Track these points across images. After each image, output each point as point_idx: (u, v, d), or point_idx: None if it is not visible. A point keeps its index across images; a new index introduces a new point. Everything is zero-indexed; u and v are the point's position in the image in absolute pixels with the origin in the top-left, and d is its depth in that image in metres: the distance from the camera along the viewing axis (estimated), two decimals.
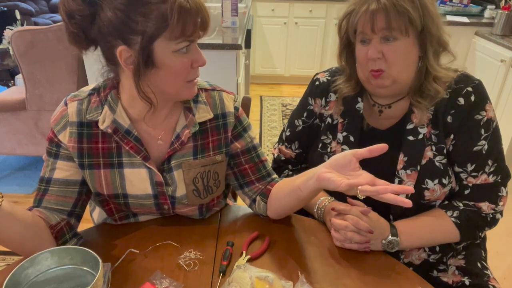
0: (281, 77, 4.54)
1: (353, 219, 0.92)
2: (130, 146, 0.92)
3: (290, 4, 4.11)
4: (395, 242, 0.95)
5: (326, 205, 1.04)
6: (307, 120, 1.14)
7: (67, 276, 0.79)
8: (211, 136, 0.98)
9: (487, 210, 0.98)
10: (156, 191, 0.97)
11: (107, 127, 0.90)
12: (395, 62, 0.92)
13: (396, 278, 0.88)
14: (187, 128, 0.95)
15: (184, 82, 0.86)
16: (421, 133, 0.98)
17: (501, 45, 2.85)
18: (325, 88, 1.10)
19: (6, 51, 3.11)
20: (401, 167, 0.99)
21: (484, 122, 0.95)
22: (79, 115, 0.91)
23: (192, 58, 0.84)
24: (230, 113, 0.99)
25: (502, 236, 1.73)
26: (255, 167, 1.04)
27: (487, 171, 0.97)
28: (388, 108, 1.04)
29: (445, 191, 0.99)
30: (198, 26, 0.81)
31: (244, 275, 0.83)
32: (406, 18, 0.88)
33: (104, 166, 0.93)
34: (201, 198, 1.00)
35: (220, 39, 2.32)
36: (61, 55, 2.32)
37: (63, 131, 0.91)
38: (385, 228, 0.96)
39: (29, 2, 5.61)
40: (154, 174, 0.95)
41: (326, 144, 1.09)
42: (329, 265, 0.91)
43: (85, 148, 0.92)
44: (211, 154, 0.98)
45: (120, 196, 0.96)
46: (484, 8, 3.46)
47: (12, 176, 2.72)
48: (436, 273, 1.08)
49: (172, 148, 0.94)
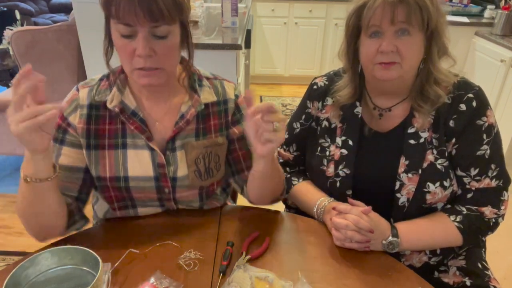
0: (281, 77, 4.54)
1: (354, 218, 0.92)
2: (135, 126, 0.96)
3: (290, 4, 4.11)
4: (395, 243, 0.95)
5: (325, 205, 1.04)
6: (305, 122, 1.15)
7: (67, 276, 0.79)
8: (213, 120, 1.03)
9: (489, 215, 0.98)
10: (157, 173, 0.99)
11: (115, 107, 0.95)
12: (408, 57, 0.92)
13: (396, 278, 0.88)
14: (193, 107, 0.99)
15: (132, 67, 0.88)
16: (423, 137, 0.98)
17: (501, 45, 2.85)
18: (323, 92, 1.11)
19: (6, 51, 3.11)
20: (403, 171, 0.99)
21: (485, 128, 0.96)
22: (89, 98, 0.97)
23: (135, 46, 0.85)
24: (231, 100, 1.05)
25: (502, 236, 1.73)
26: (247, 154, 1.08)
27: (490, 175, 0.97)
28: (388, 111, 1.04)
29: (446, 193, 0.98)
30: (141, 15, 0.81)
31: (244, 275, 0.83)
32: (425, 14, 0.88)
33: (108, 147, 0.97)
34: (202, 180, 1.02)
35: (220, 39, 2.32)
36: (61, 55, 2.33)
37: (74, 114, 0.96)
38: (386, 228, 0.96)
39: (29, 2, 5.60)
40: (156, 155, 0.98)
41: (325, 147, 1.09)
42: (329, 265, 0.91)
43: (92, 129, 0.97)
44: (213, 136, 1.02)
45: (121, 179, 0.98)
46: (484, 8, 3.45)
47: (12, 176, 2.72)
48: (437, 274, 1.08)
49: (177, 127, 0.98)
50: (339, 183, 1.05)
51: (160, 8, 0.81)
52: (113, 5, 0.81)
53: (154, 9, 0.81)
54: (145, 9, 0.80)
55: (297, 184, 1.16)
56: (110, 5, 0.82)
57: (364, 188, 1.03)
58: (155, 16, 0.81)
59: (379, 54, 0.92)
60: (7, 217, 2.32)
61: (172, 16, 0.83)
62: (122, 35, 0.85)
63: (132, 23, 0.82)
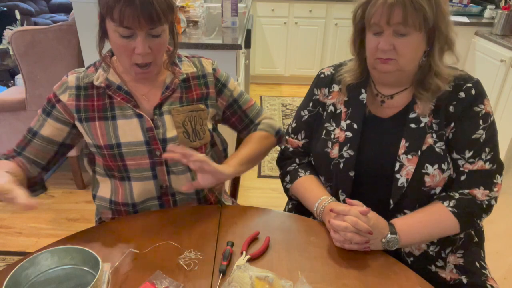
0: (281, 77, 4.53)
1: (352, 220, 0.92)
2: (121, 97, 1.06)
3: (290, 4, 4.11)
4: (394, 240, 0.95)
5: (325, 205, 1.04)
6: (313, 109, 1.18)
7: (67, 276, 0.79)
8: (195, 91, 1.14)
9: (481, 197, 1.00)
10: (147, 137, 1.07)
11: (101, 83, 1.05)
12: (405, 55, 0.96)
13: (396, 278, 0.88)
14: (176, 78, 1.10)
15: (131, 63, 0.99)
16: (423, 121, 1.02)
17: (501, 45, 2.85)
18: (329, 80, 1.15)
19: (6, 51, 3.11)
20: (403, 152, 1.01)
21: (482, 114, 0.99)
22: (77, 81, 1.07)
23: (134, 45, 0.96)
24: (209, 74, 1.16)
25: (502, 236, 1.73)
26: (239, 118, 1.23)
27: (484, 158, 1.00)
28: (390, 98, 1.07)
29: (444, 176, 1.01)
30: (142, 21, 0.91)
31: (244, 275, 0.83)
32: (421, 15, 0.91)
33: (99, 119, 1.06)
34: (191, 141, 1.11)
35: (220, 39, 2.32)
36: (61, 55, 2.32)
37: (64, 94, 1.07)
38: (384, 227, 0.96)
39: (29, 2, 5.60)
40: (145, 120, 1.06)
41: (330, 131, 1.12)
42: (329, 265, 0.91)
43: (82, 105, 1.06)
44: (195, 103, 1.13)
45: (114, 146, 1.06)
46: (484, 8, 3.45)
47: None
48: (435, 268, 1.08)
49: (164, 96, 1.08)
50: (343, 164, 1.07)
51: (158, 13, 0.92)
52: (116, 11, 0.90)
53: (153, 15, 0.92)
54: (146, 15, 0.91)
55: (303, 176, 1.17)
56: (113, 11, 0.91)
57: (365, 170, 1.06)
58: (154, 21, 0.93)
59: (378, 51, 0.97)
60: (7, 217, 2.32)
61: (166, 18, 0.95)
62: (122, 36, 0.95)
63: (133, 27, 0.92)
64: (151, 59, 1.00)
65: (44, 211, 1.03)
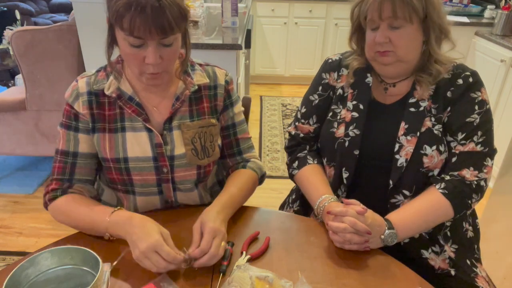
0: (281, 77, 4.54)
1: (351, 221, 0.92)
2: (132, 110, 1.02)
3: (290, 4, 4.11)
4: (393, 235, 0.96)
5: (325, 205, 1.04)
6: (323, 93, 1.20)
7: (67, 276, 0.79)
8: (206, 103, 1.09)
9: (470, 177, 1.02)
10: (155, 153, 1.04)
11: (112, 92, 1.02)
12: (401, 46, 1.01)
13: (396, 278, 0.88)
14: (186, 89, 1.05)
15: (140, 70, 0.95)
16: (422, 106, 1.06)
17: (501, 45, 2.84)
18: (337, 64, 1.19)
19: (6, 51, 3.11)
20: (402, 134, 1.05)
21: (478, 101, 1.03)
22: (88, 86, 1.03)
23: (144, 54, 0.91)
24: (221, 85, 1.11)
25: (502, 236, 1.74)
26: (229, 144, 1.17)
27: (475, 140, 1.02)
28: (393, 86, 1.11)
29: (442, 158, 1.04)
30: (153, 31, 0.86)
31: (244, 275, 0.83)
32: (409, 7, 0.97)
33: (109, 131, 1.03)
34: (199, 159, 1.07)
35: (220, 39, 2.32)
36: (61, 55, 2.33)
37: (76, 102, 1.03)
38: (381, 224, 0.96)
39: (29, 2, 5.61)
40: (154, 136, 1.03)
41: (337, 113, 1.15)
42: (329, 265, 0.91)
43: (95, 113, 1.03)
44: (206, 118, 1.09)
45: (121, 160, 1.03)
46: (484, 8, 3.45)
47: (12, 176, 2.72)
48: (428, 253, 1.09)
49: (174, 108, 1.04)
50: (348, 143, 1.10)
51: (170, 23, 0.87)
52: (126, 21, 0.85)
53: (165, 25, 0.87)
54: (158, 25, 0.86)
55: (309, 165, 1.18)
56: (123, 20, 0.86)
57: (367, 151, 1.10)
58: (166, 30, 0.88)
59: (376, 44, 1.02)
60: (7, 217, 2.32)
61: (179, 27, 0.90)
62: (132, 45, 0.90)
63: (144, 37, 0.88)
64: (162, 69, 0.95)
65: (44, 211, 1.03)
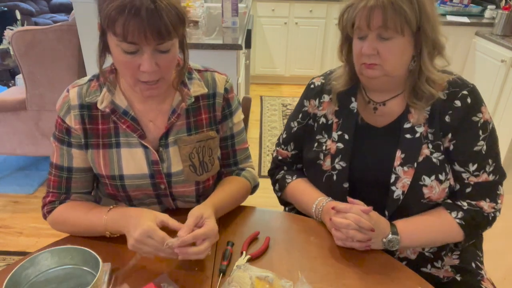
0: (281, 77, 4.54)
1: (355, 217, 0.91)
2: (127, 125, 0.97)
3: (290, 4, 4.11)
4: (395, 241, 0.95)
5: (323, 205, 1.04)
6: (302, 121, 1.16)
7: (67, 276, 0.79)
8: (204, 114, 1.03)
9: (488, 209, 0.99)
10: (152, 170, 1.00)
11: (105, 107, 0.96)
12: (389, 60, 0.94)
13: (396, 278, 0.88)
14: (183, 101, 0.99)
15: (135, 79, 0.88)
16: (418, 131, 0.99)
17: (501, 45, 2.84)
18: (319, 90, 1.13)
19: (6, 51, 3.11)
20: (398, 164, 1.00)
21: (481, 124, 0.97)
22: (79, 98, 0.97)
23: (139, 61, 0.84)
24: (219, 94, 1.04)
25: (501, 236, 1.74)
26: (226, 155, 1.12)
27: (488, 170, 0.99)
28: (383, 105, 1.05)
29: (443, 187, 0.99)
30: (149, 36, 0.80)
31: (244, 275, 0.83)
32: (402, 17, 0.89)
33: (103, 147, 0.99)
34: (197, 175, 1.03)
35: (220, 39, 2.32)
36: (61, 55, 2.33)
37: (68, 115, 0.97)
38: (386, 226, 0.96)
39: (29, 2, 5.61)
40: (150, 153, 0.99)
41: (322, 143, 1.10)
42: (329, 265, 0.91)
43: (88, 128, 0.98)
44: (205, 131, 1.03)
45: (116, 177, 1.00)
46: (485, 8, 3.45)
47: (12, 176, 2.72)
48: (430, 268, 1.08)
49: (170, 122, 0.99)
50: (336, 176, 1.06)
51: (167, 27, 0.80)
52: (119, 25, 0.79)
53: (162, 29, 0.80)
54: (153, 29, 0.79)
55: (291, 182, 1.17)
56: (116, 24, 0.79)
57: (360, 181, 1.05)
58: (162, 35, 0.81)
59: (363, 55, 0.95)
60: (7, 217, 2.32)
61: (176, 31, 0.83)
62: (126, 52, 0.83)
63: (138, 42, 0.81)
64: (159, 76, 0.88)
65: None
